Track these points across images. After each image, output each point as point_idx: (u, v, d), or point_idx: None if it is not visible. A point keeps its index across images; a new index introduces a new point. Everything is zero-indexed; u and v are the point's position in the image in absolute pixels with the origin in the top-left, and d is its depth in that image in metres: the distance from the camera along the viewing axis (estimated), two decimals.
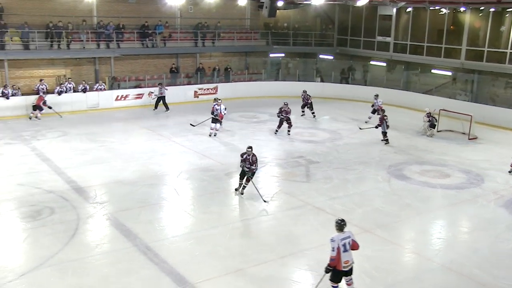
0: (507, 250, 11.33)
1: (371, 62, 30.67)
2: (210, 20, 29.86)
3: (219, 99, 20.87)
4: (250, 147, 13.87)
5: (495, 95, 25.59)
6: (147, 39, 27.27)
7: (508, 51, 24.03)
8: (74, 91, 24.16)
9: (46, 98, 22.50)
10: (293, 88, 29.41)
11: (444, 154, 18.88)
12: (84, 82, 24.47)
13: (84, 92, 24.06)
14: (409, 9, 28.33)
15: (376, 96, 23.61)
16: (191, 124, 21.63)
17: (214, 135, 20.23)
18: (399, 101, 27.32)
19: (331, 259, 8.52)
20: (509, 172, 16.62)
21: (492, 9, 24.51)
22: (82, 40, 25.26)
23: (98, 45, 25.92)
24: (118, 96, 25.19)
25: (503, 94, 25.05)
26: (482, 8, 25.02)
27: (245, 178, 13.86)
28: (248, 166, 13.64)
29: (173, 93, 25.85)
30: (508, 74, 24.50)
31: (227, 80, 29.56)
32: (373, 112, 23.25)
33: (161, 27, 27.68)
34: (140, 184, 14.65)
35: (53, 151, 17.58)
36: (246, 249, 10.90)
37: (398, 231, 12.29)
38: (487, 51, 24.94)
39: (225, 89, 28.32)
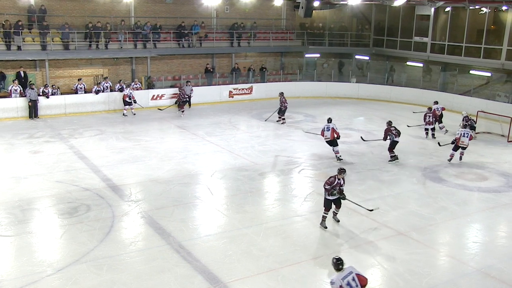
0: None
1: (408, 63, 30.22)
2: (246, 20, 30.00)
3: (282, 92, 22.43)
4: (344, 170, 12.02)
5: None
6: (183, 39, 27.58)
7: None
8: (111, 91, 24.62)
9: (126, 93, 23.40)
10: (328, 89, 29.35)
11: (482, 156, 18.47)
12: (121, 81, 24.90)
13: (121, 91, 24.48)
14: (447, 9, 27.85)
15: (436, 102, 22.00)
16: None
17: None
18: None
19: None
20: None
21: None
22: (119, 40, 25.74)
23: (135, 45, 26.35)
24: (154, 95, 25.52)
25: None
26: None
27: (335, 205, 12.14)
28: (340, 190, 11.90)
29: (208, 93, 26.12)
30: None
31: (262, 80, 29.63)
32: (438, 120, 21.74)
33: (197, 27, 27.94)
34: (174, 183, 14.82)
35: (90, 149, 17.95)
36: (279, 249, 10.90)
37: (433, 235, 12.07)
38: None
39: (260, 89, 28.40)
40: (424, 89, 27.98)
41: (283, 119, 22.83)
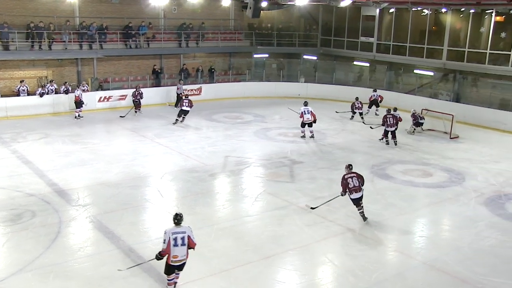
0: (487, 247, 11.47)
1: (355, 63, 30.81)
2: (194, 20, 29.79)
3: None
4: (351, 166, 12.67)
5: (476, 95, 25.89)
6: (130, 40, 27.11)
7: (488, 51, 24.36)
8: (56, 93, 23.95)
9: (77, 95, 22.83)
10: (277, 89, 29.60)
11: (427, 153, 19.07)
12: (66, 83, 24.26)
13: (66, 93, 23.84)
14: (392, 10, 28.53)
15: (375, 90, 25.71)
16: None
17: None
18: (382, 101, 27.50)
19: (162, 250, 8.75)
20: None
21: (472, 11, 24.80)
22: (64, 41, 25.03)
23: (81, 46, 25.70)
24: (101, 97, 25.02)
25: (483, 94, 25.33)
26: (462, 9, 25.31)
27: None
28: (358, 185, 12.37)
29: (156, 94, 25.76)
30: (488, 74, 24.82)
31: (211, 81, 29.53)
32: (372, 105, 25.49)
33: (145, 27, 27.55)
34: (124, 186, 14.57)
35: (35, 154, 17.41)
36: (231, 250, 10.90)
37: (382, 230, 12.35)
38: (468, 51, 25.25)
39: (209, 90, 28.33)
40: (371, 88, 28.57)
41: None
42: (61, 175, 15.27)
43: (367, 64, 30.36)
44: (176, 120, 22.45)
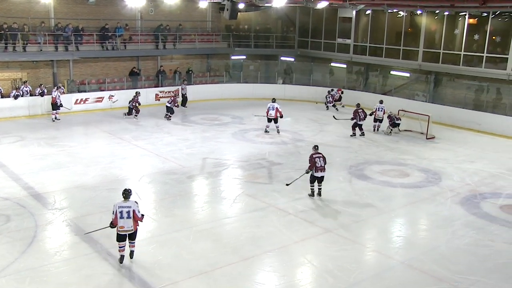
0: (463, 246, 11.64)
1: (332, 64, 31.02)
2: (171, 22, 29.64)
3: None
4: (317, 146, 14.53)
5: (451, 96, 26.27)
6: (107, 41, 26.86)
7: (462, 53, 24.76)
8: (31, 95, 23.60)
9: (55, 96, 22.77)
10: (255, 90, 29.63)
11: (404, 153, 19.28)
12: (42, 85, 23.93)
13: (42, 96, 23.52)
14: (368, 12, 28.79)
15: (331, 90, 27.56)
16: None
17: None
18: (359, 102, 27.74)
19: (112, 221, 10.07)
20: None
21: (446, 13, 25.20)
22: (39, 43, 24.68)
23: (56, 47, 25.37)
24: (77, 99, 24.74)
25: (458, 95, 25.72)
26: (437, 11, 25.67)
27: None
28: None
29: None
30: (462, 76, 25.21)
31: (188, 82, 29.39)
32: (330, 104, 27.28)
33: (121, 29, 27.31)
34: (101, 188, 14.43)
35: (9, 157, 17.13)
36: (209, 252, 10.87)
37: (360, 231, 12.46)
38: (443, 53, 25.62)
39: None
40: (348, 90, 28.82)
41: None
42: (37, 178, 15.05)
43: (344, 66, 30.58)
44: (168, 116, 23.65)
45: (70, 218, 12.32)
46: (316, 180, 14.14)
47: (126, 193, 10.14)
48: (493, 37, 24.08)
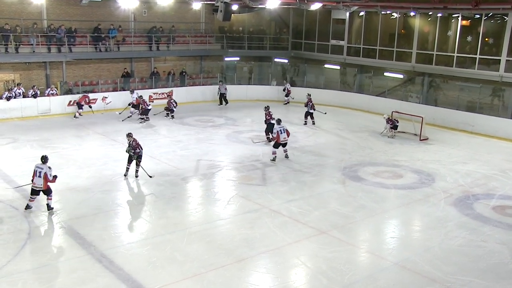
0: (456, 247, 11.69)
1: (325, 66, 31.07)
2: (164, 24, 29.61)
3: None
4: (130, 134, 15.67)
5: (444, 97, 26.39)
6: (100, 43, 26.78)
7: (455, 55, 24.87)
8: (24, 97, 23.50)
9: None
10: (248, 92, 29.63)
11: (397, 155, 19.33)
12: (34, 87, 23.82)
13: (35, 97, 23.42)
14: (361, 13, 28.88)
15: (285, 82, 29.03)
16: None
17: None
18: (353, 103, 27.87)
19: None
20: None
21: (439, 15, 25.32)
22: (31, 44, 24.57)
23: (49, 49, 25.27)
24: (70, 101, 24.64)
25: (451, 96, 25.83)
26: (430, 13, 25.78)
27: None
28: (133, 151, 15.33)
29: (127, 99, 25.48)
30: (455, 77, 25.31)
31: (182, 84, 29.38)
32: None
33: (115, 31, 27.25)
34: (95, 190, 14.38)
35: (2, 159, 17.05)
36: (203, 253, 10.85)
37: (354, 232, 12.49)
38: (436, 54, 25.73)
39: (180, 94, 28.10)
40: (341, 91, 28.89)
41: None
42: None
43: (338, 67, 30.64)
44: (171, 115, 24.44)
45: (63, 220, 12.27)
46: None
47: (44, 158, 12.56)
48: (486, 39, 24.23)
